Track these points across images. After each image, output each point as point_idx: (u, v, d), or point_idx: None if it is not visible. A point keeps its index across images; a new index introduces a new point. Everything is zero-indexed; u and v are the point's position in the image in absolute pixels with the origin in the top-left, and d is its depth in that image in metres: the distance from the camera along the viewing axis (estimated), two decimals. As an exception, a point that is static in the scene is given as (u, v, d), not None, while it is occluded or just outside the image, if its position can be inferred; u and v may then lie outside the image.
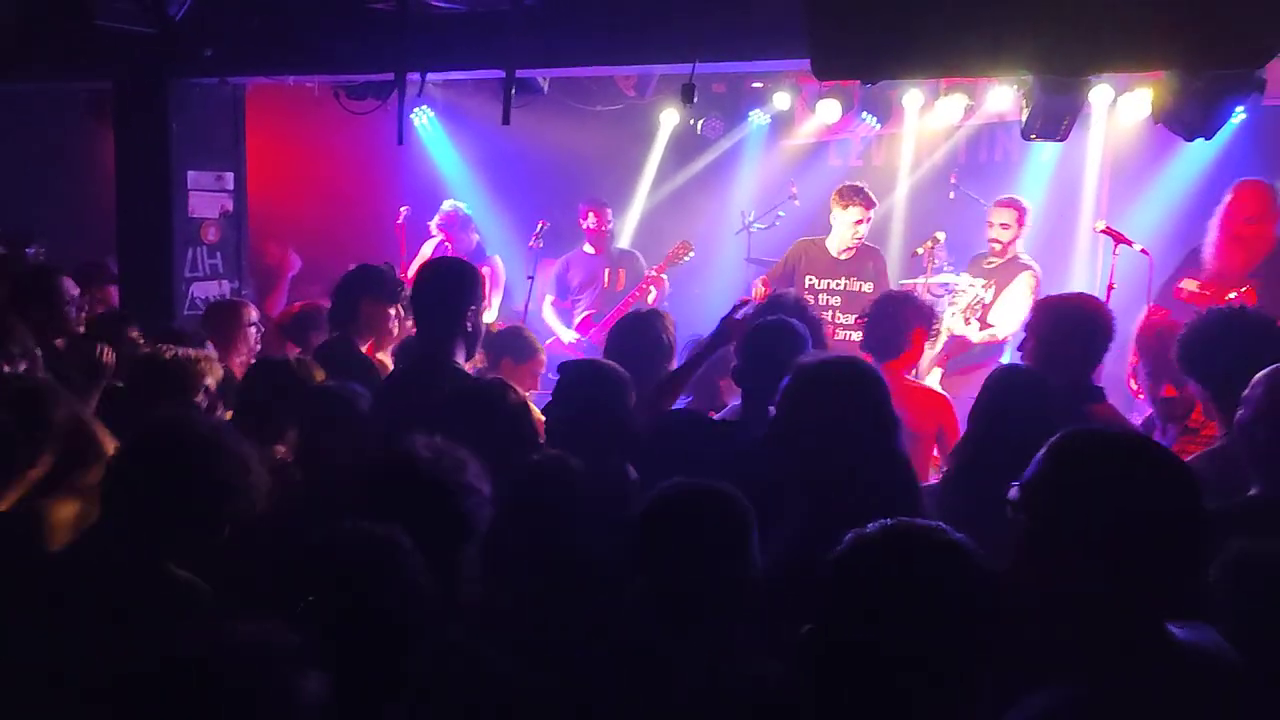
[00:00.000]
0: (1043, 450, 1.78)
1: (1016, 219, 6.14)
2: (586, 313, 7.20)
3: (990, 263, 6.18)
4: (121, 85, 6.34)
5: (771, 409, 2.76)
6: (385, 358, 4.57)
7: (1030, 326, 3.79)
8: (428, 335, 3.66)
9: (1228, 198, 4.99)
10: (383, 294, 4.51)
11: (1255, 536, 2.11)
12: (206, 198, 6.45)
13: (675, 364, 3.97)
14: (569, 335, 7.22)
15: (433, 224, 7.26)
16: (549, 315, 7.41)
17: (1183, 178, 6.97)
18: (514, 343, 4.80)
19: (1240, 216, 4.92)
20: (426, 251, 7.24)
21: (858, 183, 6.30)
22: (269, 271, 7.52)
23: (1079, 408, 3.44)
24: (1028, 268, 6.10)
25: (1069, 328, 3.62)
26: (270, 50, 5.79)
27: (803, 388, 2.68)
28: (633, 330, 4.03)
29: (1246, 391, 2.79)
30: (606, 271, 7.33)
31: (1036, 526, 1.74)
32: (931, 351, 5.55)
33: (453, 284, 3.59)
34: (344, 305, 4.49)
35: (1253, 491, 2.70)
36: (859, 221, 6.12)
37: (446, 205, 7.34)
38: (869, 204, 6.14)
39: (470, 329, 3.57)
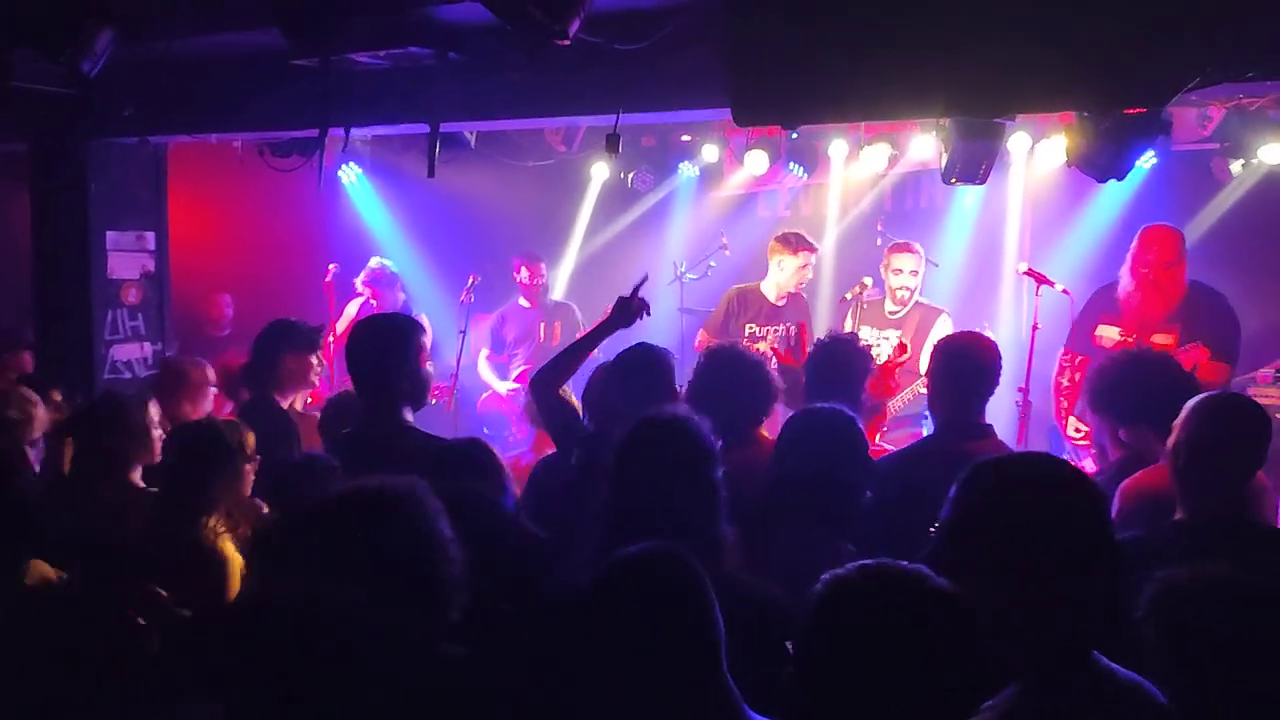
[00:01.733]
0: (954, 486, 1.81)
1: (920, 262, 6.23)
2: (523, 367, 7.16)
3: (895, 312, 6.23)
4: (37, 146, 6.23)
5: None
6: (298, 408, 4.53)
7: (929, 367, 3.88)
8: (369, 394, 3.52)
9: (1136, 243, 5.12)
10: (304, 344, 4.44)
11: (1177, 561, 2.13)
12: (127, 258, 6.32)
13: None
14: (504, 387, 7.16)
15: (359, 281, 7.19)
16: (484, 369, 7.35)
17: (1099, 220, 7.16)
18: None
19: (1153, 261, 5.02)
20: (352, 310, 7.16)
21: (796, 229, 6.40)
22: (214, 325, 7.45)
23: (960, 446, 3.45)
24: (940, 310, 6.20)
25: (956, 366, 3.71)
26: (191, 109, 5.71)
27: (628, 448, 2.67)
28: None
29: (1177, 419, 2.86)
30: (542, 325, 7.31)
31: (952, 555, 1.74)
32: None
33: (389, 339, 3.49)
34: (265, 361, 4.41)
35: (1177, 516, 2.75)
36: (804, 266, 6.20)
37: (373, 262, 7.29)
38: (813, 249, 6.24)
39: (411, 383, 3.46)
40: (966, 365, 3.70)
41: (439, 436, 3.54)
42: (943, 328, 6.04)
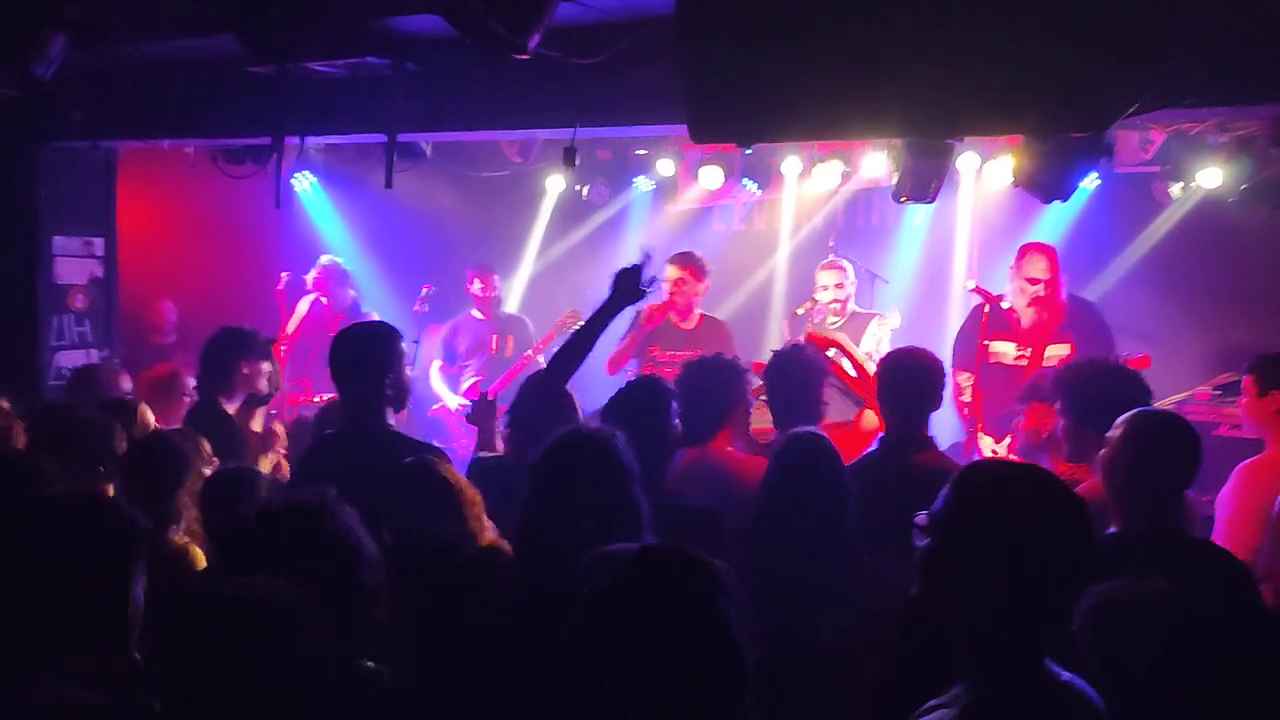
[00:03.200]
0: (949, 482, 1.85)
1: (845, 275, 6.35)
2: (474, 379, 7.14)
3: (834, 323, 6.29)
4: (-15, 149, 6.13)
5: None
6: (258, 418, 4.50)
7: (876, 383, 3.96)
8: (352, 398, 3.58)
9: (1015, 261, 5.40)
10: (257, 352, 4.44)
11: (1112, 574, 2.19)
12: (74, 264, 6.24)
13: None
14: (455, 401, 7.14)
15: (309, 278, 7.14)
16: (435, 381, 7.32)
17: (1045, 239, 7.25)
18: None
19: (1035, 279, 5.37)
20: (303, 308, 7.12)
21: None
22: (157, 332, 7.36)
23: (905, 458, 3.58)
24: (872, 314, 6.32)
25: (900, 380, 3.80)
26: (144, 114, 5.67)
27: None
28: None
29: (1109, 432, 2.93)
30: (495, 337, 7.30)
31: (937, 549, 1.79)
32: None
33: (374, 345, 3.55)
34: (218, 368, 4.39)
35: (1111, 529, 2.82)
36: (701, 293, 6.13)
37: (324, 259, 7.24)
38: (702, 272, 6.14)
39: (392, 390, 3.52)
40: (910, 379, 3.78)
41: (418, 441, 3.60)
42: (874, 329, 6.17)
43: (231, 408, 4.39)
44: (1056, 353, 5.27)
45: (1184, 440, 2.90)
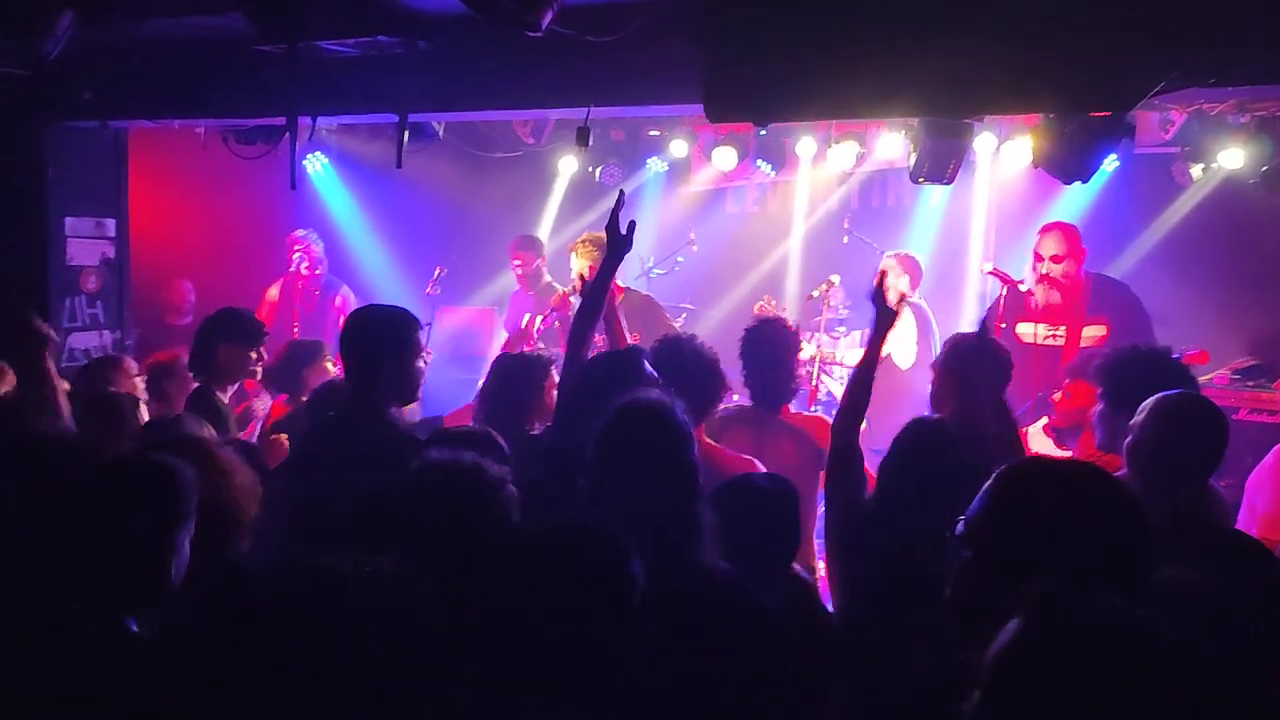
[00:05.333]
0: (987, 484, 1.77)
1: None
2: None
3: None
4: (-6, 128, 6.10)
5: None
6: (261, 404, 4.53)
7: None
8: (358, 383, 3.43)
9: (1036, 240, 5.33)
10: (242, 338, 4.39)
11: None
12: (86, 245, 6.21)
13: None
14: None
15: (297, 257, 7.20)
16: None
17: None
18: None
19: (1046, 257, 5.38)
20: (273, 294, 7.27)
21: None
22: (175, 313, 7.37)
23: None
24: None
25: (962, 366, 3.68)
26: (153, 93, 5.62)
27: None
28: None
29: (1133, 419, 2.88)
30: (533, 311, 7.27)
31: (979, 558, 1.72)
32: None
33: (377, 334, 3.40)
34: (202, 351, 4.37)
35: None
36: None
37: (304, 233, 7.31)
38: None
39: (392, 380, 3.37)
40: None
41: (409, 435, 3.46)
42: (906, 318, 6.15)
43: (224, 394, 4.36)
44: (1093, 333, 5.25)
45: (1211, 424, 2.85)
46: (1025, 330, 5.42)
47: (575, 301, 5.85)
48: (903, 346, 6.06)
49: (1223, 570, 2.29)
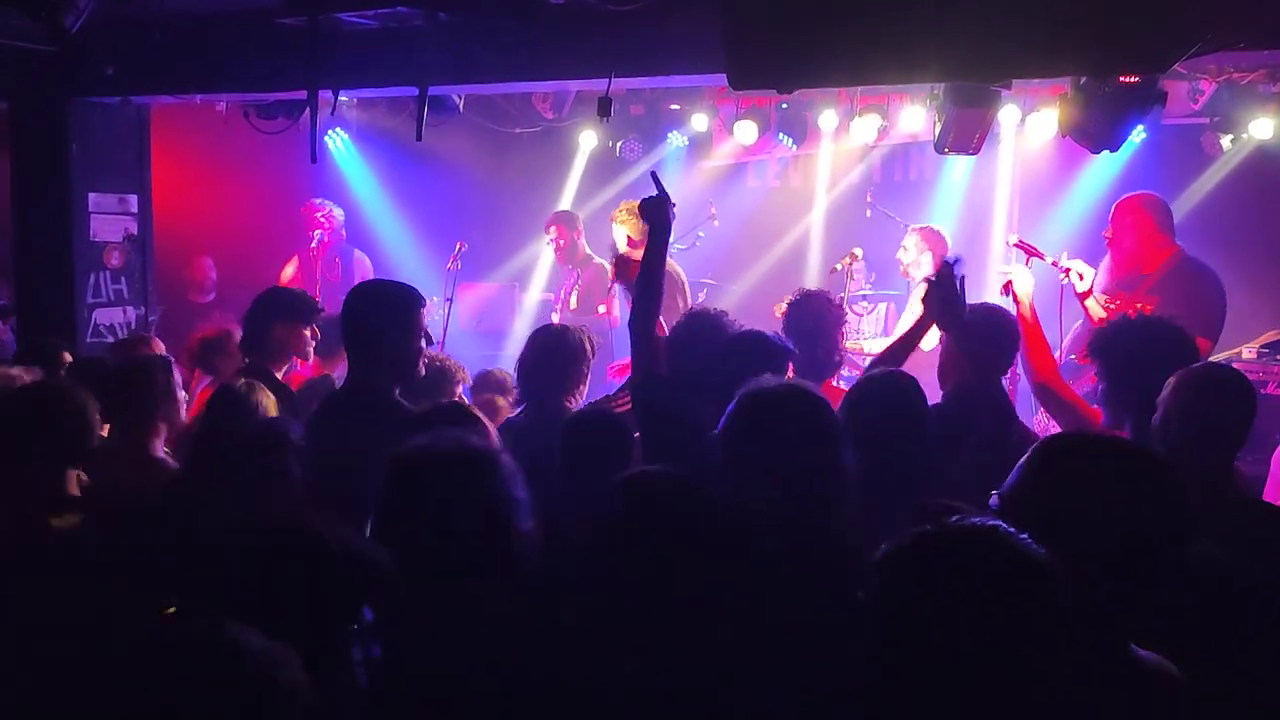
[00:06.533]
0: (1024, 458, 1.75)
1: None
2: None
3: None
4: (16, 104, 6.12)
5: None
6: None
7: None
8: (358, 358, 3.36)
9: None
10: (296, 316, 4.37)
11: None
12: (109, 221, 6.24)
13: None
14: None
15: (317, 232, 7.19)
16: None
17: (1088, 194, 7.15)
18: None
19: (1118, 229, 5.25)
20: (289, 273, 7.25)
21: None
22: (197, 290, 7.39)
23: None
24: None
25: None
26: (175, 68, 5.62)
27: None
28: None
29: (1160, 395, 2.84)
30: (570, 284, 7.28)
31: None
32: None
33: (374, 311, 3.33)
34: (255, 330, 4.34)
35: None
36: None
37: (323, 202, 7.31)
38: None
39: (390, 358, 3.30)
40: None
41: (414, 413, 3.40)
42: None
43: (279, 372, 4.30)
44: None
45: (1240, 395, 2.81)
46: (1092, 303, 5.31)
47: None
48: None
49: (1256, 544, 2.26)
